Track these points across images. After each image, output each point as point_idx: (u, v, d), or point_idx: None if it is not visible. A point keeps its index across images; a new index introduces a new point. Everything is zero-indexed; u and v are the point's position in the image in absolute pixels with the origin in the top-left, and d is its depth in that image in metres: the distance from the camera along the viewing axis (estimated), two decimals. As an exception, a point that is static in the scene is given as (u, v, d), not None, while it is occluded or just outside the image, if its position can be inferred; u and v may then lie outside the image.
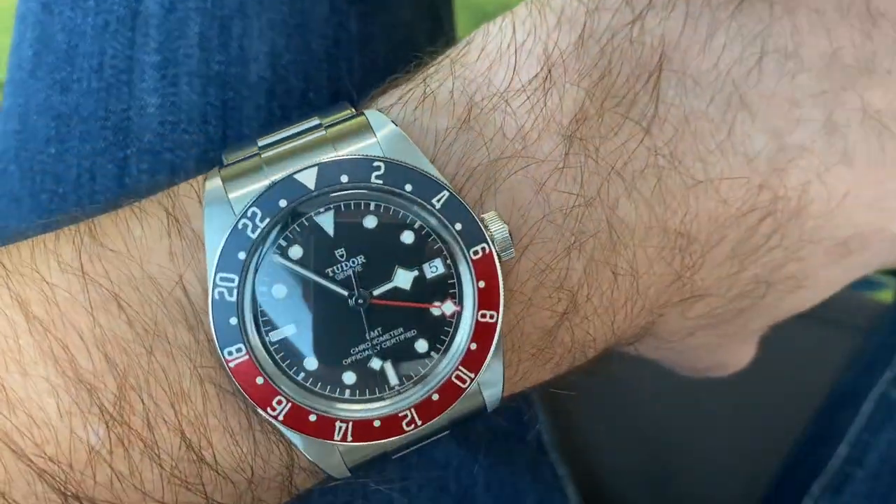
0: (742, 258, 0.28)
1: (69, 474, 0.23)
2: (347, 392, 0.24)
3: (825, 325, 0.35)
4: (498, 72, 0.27)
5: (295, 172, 0.24)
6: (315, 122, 0.26)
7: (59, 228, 0.26)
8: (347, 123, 0.26)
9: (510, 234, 0.25)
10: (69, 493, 0.23)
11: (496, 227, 0.24)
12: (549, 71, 0.27)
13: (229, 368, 0.23)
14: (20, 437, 0.23)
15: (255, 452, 0.25)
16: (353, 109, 0.26)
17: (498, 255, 0.25)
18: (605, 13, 0.27)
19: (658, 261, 0.27)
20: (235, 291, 0.24)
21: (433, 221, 0.25)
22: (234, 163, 0.25)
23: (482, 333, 0.24)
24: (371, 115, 0.26)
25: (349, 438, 0.24)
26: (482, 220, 0.25)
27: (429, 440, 0.26)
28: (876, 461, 0.41)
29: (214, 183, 0.25)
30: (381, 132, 0.25)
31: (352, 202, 0.25)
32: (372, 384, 0.24)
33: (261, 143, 0.26)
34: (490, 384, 0.25)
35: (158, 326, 0.24)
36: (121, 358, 0.23)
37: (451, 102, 0.26)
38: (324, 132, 0.25)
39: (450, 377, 0.24)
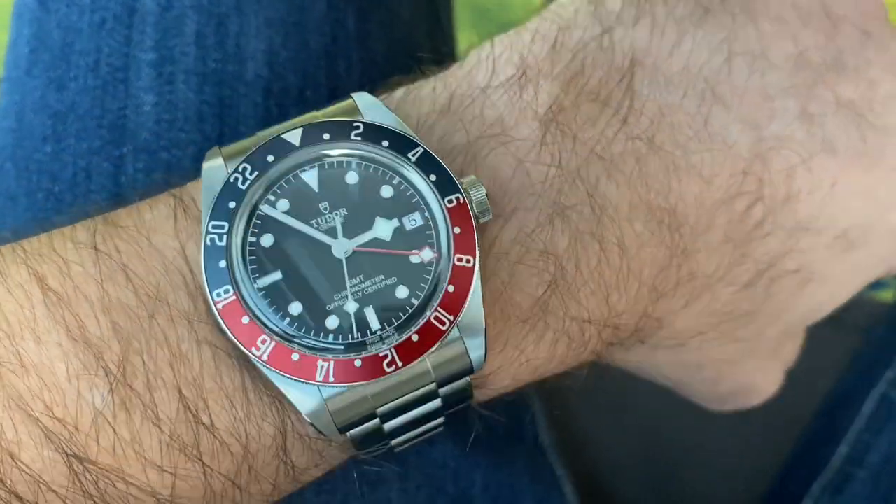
0: (738, 244, 0.29)
1: (74, 435, 0.24)
2: (331, 336, 0.25)
3: (826, 324, 0.35)
4: (477, 74, 0.29)
5: (282, 133, 0.26)
6: (312, 114, 0.28)
7: (66, 224, 0.27)
8: (336, 105, 0.28)
9: (487, 196, 0.26)
10: (71, 453, 0.24)
11: (475, 192, 0.26)
12: (525, 71, 0.28)
13: (217, 310, 0.25)
14: (31, 399, 0.24)
15: (249, 414, 0.25)
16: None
17: (472, 206, 0.26)
18: (577, 30, 0.29)
19: (649, 240, 0.28)
20: (225, 237, 0.25)
21: (410, 175, 0.26)
22: (233, 143, 0.27)
23: (459, 276, 0.26)
24: (358, 96, 0.27)
25: (331, 378, 0.25)
26: (461, 184, 0.26)
27: (425, 420, 0.27)
28: (877, 461, 0.41)
29: (216, 161, 0.27)
30: (365, 107, 0.27)
31: (334, 160, 0.26)
32: (354, 328, 0.25)
33: (260, 134, 0.27)
34: (471, 330, 0.26)
35: (161, 292, 0.25)
36: (125, 323, 0.25)
37: (433, 94, 0.28)
38: (315, 113, 0.27)
39: (429, 318, 0.25)
